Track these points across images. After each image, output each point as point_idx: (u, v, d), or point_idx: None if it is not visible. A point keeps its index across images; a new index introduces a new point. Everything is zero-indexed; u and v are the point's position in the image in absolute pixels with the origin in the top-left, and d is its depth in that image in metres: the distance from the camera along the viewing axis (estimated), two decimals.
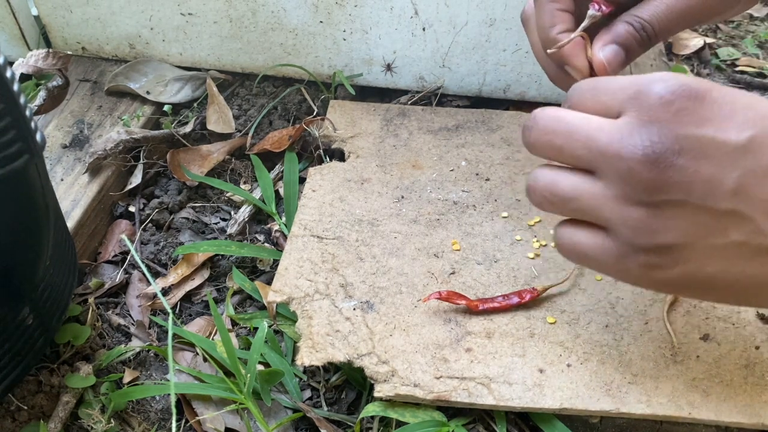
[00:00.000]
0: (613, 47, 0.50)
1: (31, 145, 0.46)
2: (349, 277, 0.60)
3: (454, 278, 0.60)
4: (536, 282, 0.60)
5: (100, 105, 0.78)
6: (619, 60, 0.50)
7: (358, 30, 0.76)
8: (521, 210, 0.66)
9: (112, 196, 0.72)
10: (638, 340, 0.55)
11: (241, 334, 0.62)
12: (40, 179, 0.48)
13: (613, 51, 0.50)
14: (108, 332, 0.63)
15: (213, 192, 0.74)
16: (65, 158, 0.72)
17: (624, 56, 0.50)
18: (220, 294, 0.66)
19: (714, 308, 0.57)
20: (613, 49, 0.50)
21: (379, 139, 0.73)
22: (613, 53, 0.50)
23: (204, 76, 0.82)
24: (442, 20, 0.74)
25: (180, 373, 0.59)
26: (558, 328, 0.56)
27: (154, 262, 0.69)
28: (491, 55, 0.76)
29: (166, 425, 0.57)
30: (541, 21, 0.53)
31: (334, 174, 0.70)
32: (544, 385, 0.53)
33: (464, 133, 0.74)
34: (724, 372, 0.53)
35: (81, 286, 0.66)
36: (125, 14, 0.79)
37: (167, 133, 0.75)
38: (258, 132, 0.78)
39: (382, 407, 0.53)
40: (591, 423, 0.54)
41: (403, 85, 0.80)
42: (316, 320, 0.57)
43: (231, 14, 0.77)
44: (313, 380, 0.59)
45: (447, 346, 0.55)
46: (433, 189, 0.68)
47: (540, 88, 0.78)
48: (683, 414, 0.51)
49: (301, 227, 0.64)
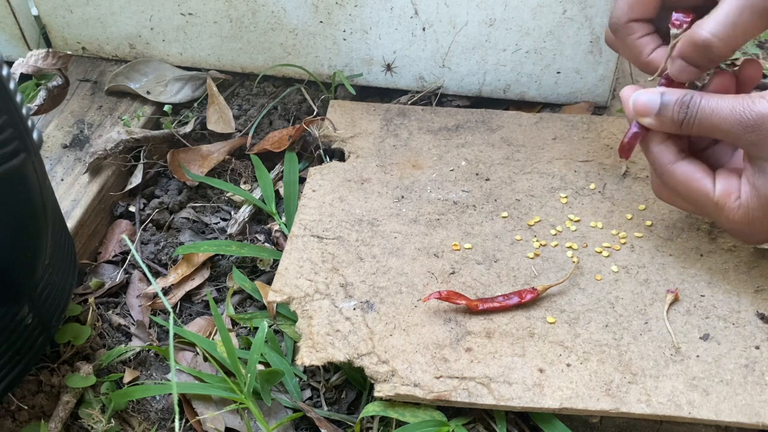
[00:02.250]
0: (679, 62, 0.54)
1: (28, 144, 0.46)
2: (349, 277, 0.60)
3: (454, 278, 0.60)
4: (536, 282, 0.60)
5: (100, 105, 0.78)
6: (687, 72, 0.54)
7: (358, 30, 0.76)
8: (521, 210, 0.66)
9: (113, 196, 0.72)
10: (638, 340, 0.55)
11: (241, 334, 0.62)
12: (37, 178, 0.48)
13: (679, 66, 0.54)
14: (108, 332, 0.63)
15: (213, 192, 0.74)
16: (65, 158, 0.72)
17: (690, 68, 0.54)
18: (220, 294, 0.66)
19: (714, 308, 0.57)
20: (680, 65, 0.54)
21: (379, 139, 0.73)
22: (679, 67, 0.54)
23: (204, 76, 0.82)
24: (442, 20, 0.74)
25: (180, 373, 0.59)
26: (558, 328, 0.56)
27: (155, 262, 0.69)
28: (491, 55, 0.76)
29: (166, 425, 0.57)
30: (628, 55, 0.59)
31: (334, 174, 0.70)
32: (543, 384, 0.53)
33: (464, 133, 0.74)
34: (724, 371, 0.53)
35: (81, 286, 0.66)
36: (125, 14, 0.79)
37: (167, 133, 0.75)
38: (258, 132, 0.78)
39: (382, 407, 0.53)
40: (591, 423, 0.54)
41: (403, 85, 0.80)
42: (316, 320, 0.57)
43: (231, 14, 0.77)
44: (313, 380, 0.59)
45: (447, 345, 0.55)
46: (433, 189, 0.68)
47: (540, 88, 0.78)
48: (683, 413, 0.51)
49: (301, 227, 0.64)
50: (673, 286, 0.59)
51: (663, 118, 0.54)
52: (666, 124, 0.54)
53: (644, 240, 0.63)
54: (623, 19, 0.57)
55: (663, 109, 0.54)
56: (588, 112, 0.78)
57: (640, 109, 0.55)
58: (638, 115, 0.55)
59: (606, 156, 0.71)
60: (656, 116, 0.54)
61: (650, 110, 0.54)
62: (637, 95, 0.55)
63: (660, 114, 0.54)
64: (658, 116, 0.54)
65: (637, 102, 0.55)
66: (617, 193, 0.67)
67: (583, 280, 0.60)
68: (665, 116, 0.54)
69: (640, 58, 0.58)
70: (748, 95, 0.51)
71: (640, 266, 0.61)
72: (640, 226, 0.64)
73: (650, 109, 0.54)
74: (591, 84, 0.77)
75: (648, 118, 0.55)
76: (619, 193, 0.67)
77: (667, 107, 0.53)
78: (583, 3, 0.71)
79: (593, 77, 0.77)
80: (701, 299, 0.58)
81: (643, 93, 0.55)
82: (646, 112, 0.54)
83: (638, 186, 0.68)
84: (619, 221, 0.65)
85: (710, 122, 0.52)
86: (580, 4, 0.71)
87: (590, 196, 0.67)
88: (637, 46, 0.58)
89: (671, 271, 0.60)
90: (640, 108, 0.55)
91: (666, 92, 0.54)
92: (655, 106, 0.54)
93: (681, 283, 0.59)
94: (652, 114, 0.54)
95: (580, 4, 0.71)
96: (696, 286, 0.59)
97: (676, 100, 0.53)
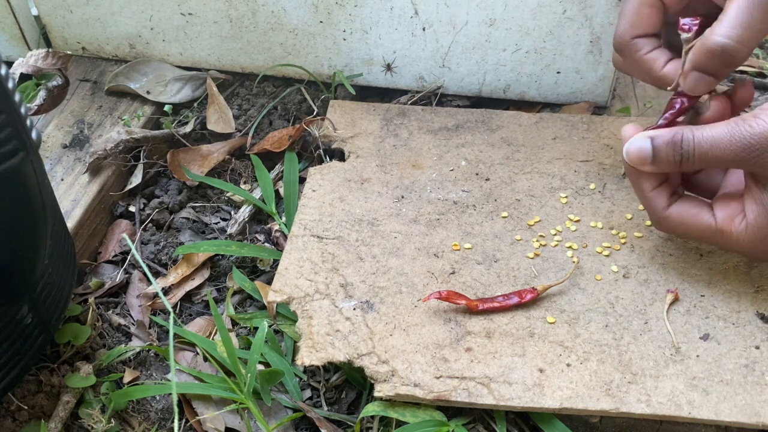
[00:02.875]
0: (694, 75, 0.53)
1: (26, 143, 0.46)
2: (349, 276, 0.60)
3: (454, 278, 0.60)
4: (536, 282, 0.60)
5: (100, 105, 0.78)
6: (703, 83, 0.53)
7: (358, 30, 0.76)
8: (521, 210, 0.66)
9: (113, 196, 0.72)
10: (638, 340, 0.55)
11: (241, 334, 0.62)
12: (36, 177, 0.48)
13: (695, 78, 0.53)
14: (108, 332, 0.63)
15: (213, 192, 0.74)
16: (65, 158, 0.72)
17: (707, 78, 0.53)
18: (220, 294, 0.66)
19: (714, 307, 0.57)
20: (695, 77, 0.53)
21: (379, 139, 0.73)
22: (695, 80, 0.53)
23: (204, 76, 0.82)
24: (442, 20, 0.74)
25: (180, 373, 0.59)
26: (558, 328, 0.56)
27: (155, 262, 0.69)
28: (491, 55, 0.76)
29: (166, 425, 0.57)
30: (639, 73, 0.58)
31: (334, 174, 0.70)
32: (543, 384, 0.53)
33: (464, 133, 0.74)
34: (724, 371, 0.53)
35: (81, 286, 0.66)
36: (125, 14, 0.79)
37: (167, 133, 0.75)
38: (258, 132, 0.78)
39: (382, 407, 0.53)
40: (591, 423, 0.54)
41: (403, 85, 0.80)
42: (316, 320, 0.57)
43: (231, 14, 0.77)
44: (313, 380, 0.59)
45: (447, 345, 0.55)
46: (433, 189, 0.68)
47: (540, 88, 0.78)
48: (683, 413, 0.51)
49: (301, 227, 0.64)
50: (673, 286, 0.59)
51: (660, 163, 0.53)
52: (665, 167, 0.53)
53: (644, 240, 0.63)
54: (627, 37, 0.56)
55: (657, 154, 0.53)
56: (588, 112, 0.78)
57: (635, 160, 0.54)
58: (635, 165, 0.54)
59: (606, 156, 0.71)
60: (652, 163, 0.53)
61: (645, 159, 0.53)
62: (627, 146, 0.54)
63: (656, 160, 0.53)
64: (654, 163, 0.53)
65: (630, 153, 0.54)
66: (617, 193, 0.67)
67: (583, 280, 0.60)
68: (661, 161, 0.53)
69: (653, 74, 0.57)
70: (740, 118, 0.50)
71: (640, 266, 0.61)
72: (640, 226, 0.64)
73: (645, 158, 0.53)
74: (591, 84, 0.77)
75: (647, 166, 0.54)
76: (619, 193, 0.67)
77: (660, 151, 0.53)
78: (583, 3, 0.71)
79: (593, 77, 0.77)
80: (701, 299, 0.58)
81: (633, 142, 0.54)
82: (642, 162, 0.54)
83: None
84: (619, 221, 0.64)
85: (713, 155, 0.51)
86: (580, 4, 0.71)
87: (590, 196, 0.67)
88: (646, 62, 0.56)
89: (671, 271, 0.60)
90: (635, 159, 0.54)
91: (655, 137, 0.53)
92: (649, 154, 0.53)
93: (681, 283, 0.59)
94: (648, 162, 0.53)
95: (580, 4, 0.71)
96: (696, 286, 0.59)
97: (667, 142, 0.52)
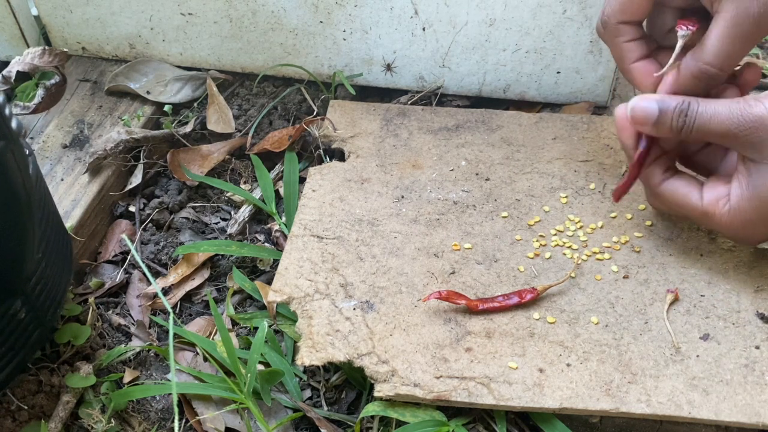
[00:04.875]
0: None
1: (5, 131, 0.45)
2: (349, 276, 0.60)
3: (454, 278, 0.60)
4: (536, 282, 0.60)
5: (100, 105, 0.78)
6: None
7: (358, 30, 0.76)
8: (521, 210, 0.66)
9: (112, 196, 0.72)
10: (638, 340, 0.55)
11: (241, 334, 0.62)
12: (18, 167, 0.46)
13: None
14: (108, 332, 0.63)
15: (213, 192, 0.74)
16: (65, 158, 0.72)
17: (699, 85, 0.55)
18: (220, 294, 0.66)
19: (714, 307, 0.57)
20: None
21: (379, 139, 0.73)
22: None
23: (204, 76, 0.82)
24: (442, 20, 0.74)
25: (180, 373, 0.59)
26: (558, 328, 0.56)
27: (155, 262, 0.69)
28: (491, 55, 0.76)
29: (166, 425, 0.57)
30: (613, 54, 0.60)
31: (334, 174, 0.70)
32: (543, 384, 0.53)
33: (464, 133, 0.74)
34: (724, 371, 0.53)
35: (81, 286, 0.66)
36: (125, 14, 0.79)
37: (167, 133, 0.75)
38: (258, 132, 0.78)
39: (382, 407, 0.53)
40: (591, 423, 0.54)
41: (403, 85, 0.80)
42: (316, 320, 0.57)
43: (231, 14, 0.77)
44: (313, 380, 0.59)
45: (447, 345, 0.55)
46: (433, 189, 0.68)
47: (540, 87, 0.78)
48: (683, 413, 0.51)
49: (301, 227, 0.64)
50: (673, 286, 0.59)
51: (662, 126, 0.54)
52: (664, 131, 0.54)
53: (644, 240, 0.63)
54: (613, 20, 0.58)
55: (661, 117, 0.54)
56: (588, 112, 0.78)
57: (639, 118, 0.55)
58: (636, 123, 0.55)
59: (606, 156, 0.71)
60: (654, 125, 0.54)
61: (648, 119, 0.54)
62: (634, 102, 0.55)
63: (658, 122, 0.54)
64: (656, 124, 0.54)
65: (635, 110, 0.55)
66: None
67: (583, 280, 0.60)
68: (664, 123, 0.54)
69: (621, 64, 0.59)
70: (743, 98, 0.51)
71: (640, 266, 0.61)
72: (640, 226, 0.64)
73: (648, 117, 0.54)
74: (591, 84, 0.77)
75: (647, 127, 0.55)
76: None
77: (666, 114, 0.53)
78: (583, 3, 0.71)
79: (593, 77, 0.77)
80: (701, 299, 0.58)
81: (640, 100, 0.55)
82: (644, 122, 0.54)
83: (638, 186, 0.67)
84: (619, 221, 0.65)
85: (708, 127, 0.52)
86: (580, 4, 0.71)
87: (590, 196, 0.67)
88: (621, 50, 0.58)
89: (671, 271, 0.60)
90: (639, 117, 0.55)
91: (663, 99, 0.54)
92: (654, 115, 0.54)
93: (681, 283, 0.59)
94: (650, 123, 0.54)
95: (580, 4, 0.71)
96: (696, 286, 0.59)
97: (675, 107, 0.53)
